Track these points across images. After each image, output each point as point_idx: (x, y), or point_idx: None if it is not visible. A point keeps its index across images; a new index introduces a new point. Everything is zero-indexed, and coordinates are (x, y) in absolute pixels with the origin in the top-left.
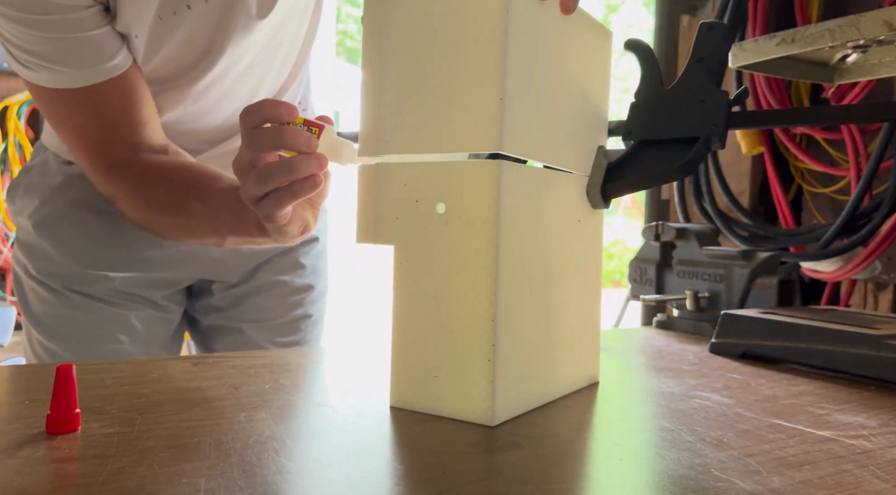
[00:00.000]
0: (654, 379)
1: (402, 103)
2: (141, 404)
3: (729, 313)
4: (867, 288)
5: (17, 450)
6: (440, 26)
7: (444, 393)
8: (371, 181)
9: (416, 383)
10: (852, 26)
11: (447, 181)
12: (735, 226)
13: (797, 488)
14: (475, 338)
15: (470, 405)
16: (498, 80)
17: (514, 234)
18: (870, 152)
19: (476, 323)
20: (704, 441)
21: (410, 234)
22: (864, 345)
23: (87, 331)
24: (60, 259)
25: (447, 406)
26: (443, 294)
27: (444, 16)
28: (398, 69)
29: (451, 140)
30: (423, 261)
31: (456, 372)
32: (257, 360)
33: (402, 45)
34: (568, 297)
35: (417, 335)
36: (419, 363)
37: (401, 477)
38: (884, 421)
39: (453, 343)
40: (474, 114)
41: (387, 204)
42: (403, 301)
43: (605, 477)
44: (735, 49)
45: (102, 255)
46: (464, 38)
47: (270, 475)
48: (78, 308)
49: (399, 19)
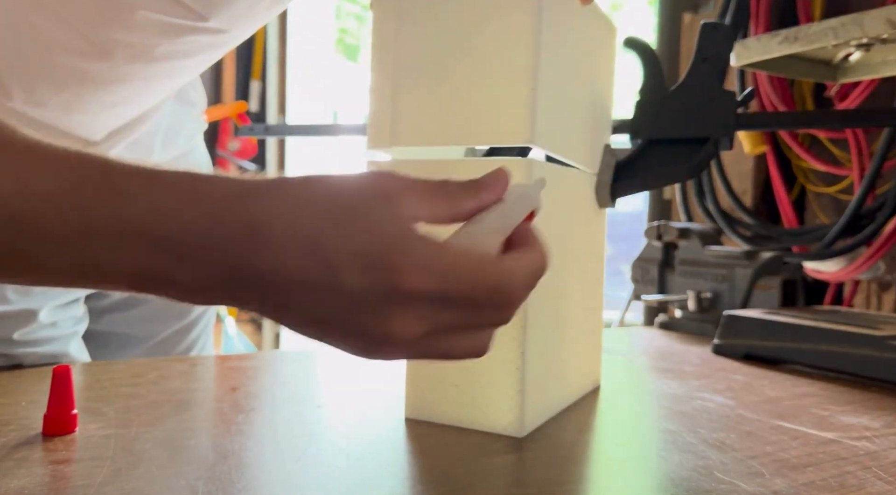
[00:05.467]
0: (657, 381)
1: (423, 94)
2: (138, 405)
3: (732, 314)
4: (871, 288)
5: (13, 452)
6: (466, 14)
7: (466, 403)
8: None
9: (434, 393)
10: (855, 24)
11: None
12: (738, 226)
13: (800, 490)
14: (503, 346)
15: (496, 415)
16: (531, 71)
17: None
18: (873, 151)
19: (508, 335)
20: (707, 442)
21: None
22: (868, 345)
23: None
24: None
25: (469, 417)
26: None
27: (470, 4)
28: (418, 60)
29: (478, 132)
30: None
31: (480, 381)
32: (255, 362)
33: (421, 34)
34: (576, 300)
35: None
36: (438, 372)
37: (400, 479)
38: (887, 423)
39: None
40: (504, 105)
41: None
42: None
43: (608, 480)
44: (738, 47)
45: None
46: (493, 28)
47: (268, 477)
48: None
49: (417, 8)
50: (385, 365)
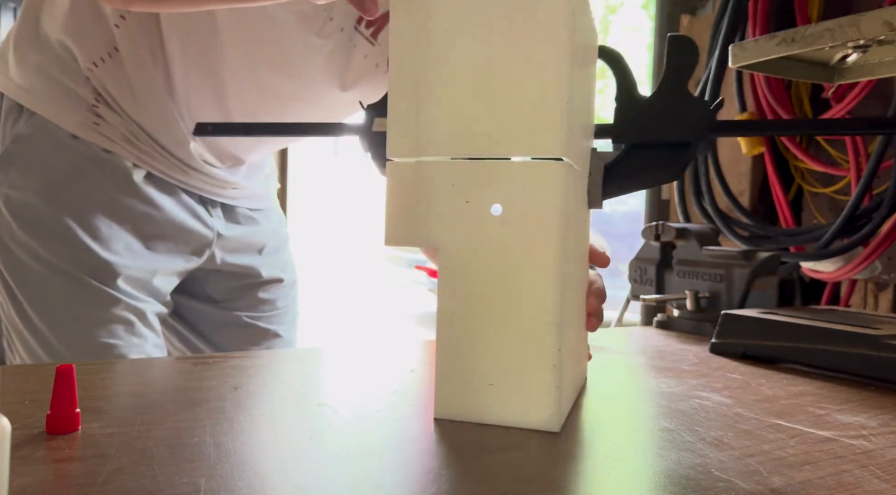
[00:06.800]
0: (655, 379)
1: (451, 104)
2: (141, 404)
3: (729, 313)
4: (867, 288)
5: (16, 450)
6: (499, 28)
7: (501, 401)
8: (407, 180)
9: (466, 393)
10: (853, 26)
11: (504, 182)
12: (735, 226)
13: (797, 488)
14: (540, 343)
15: (533, 412)
16: (566, 84)
17: (566, 235)
18: (870, 152)
19: (542, 327)
20: (704, 441)
21: (459, 236)
22: (865, 345)
23: (99, 326)
24: (81, 244)
25: (504, 415)
26: (499, 298)
27: (504, 17)
28: (446, 68)
29: (510, 143)
30: (475, 263)
31: (517, 379)
32: (257, 360)
33: (450, 42)
34: (579, 296)
35: (469, 342)
36: (470, 372)
37: (400, 478)
38: (884, 422)
39: (514, 349)
40: (539, 117)
41: (429, 204)
42: (451, 305)
43: (605, 478)
44: (735, 49)
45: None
46: (527, 40)
47: (270, 475)
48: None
49: (447, 16)
50: (385, 364)
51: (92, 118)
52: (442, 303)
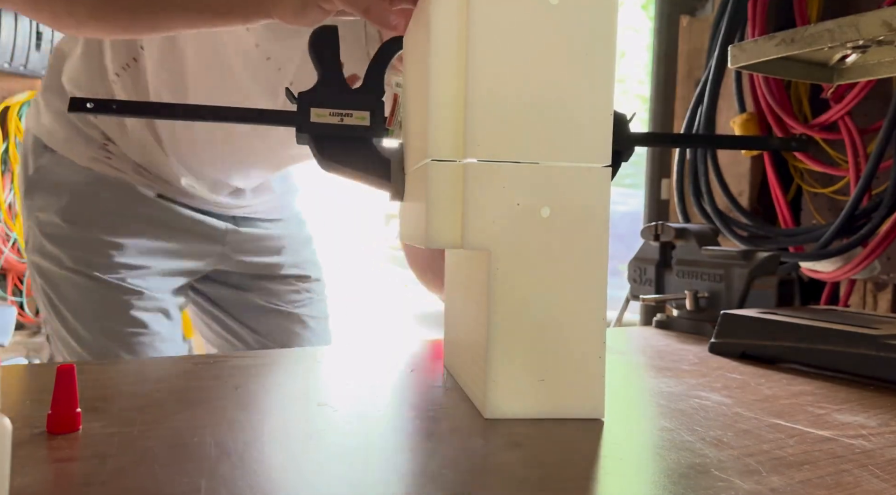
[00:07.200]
0: (654, 379)
1: (500, 109)
2: (142, 404)
3: (728, 313)
4: (866, 288)
5: (17, 450)
6: (545, 37)
7: (552, 395)
8: (453, 181)
9: (519, 391)
10: (852, 27)
11: (554, 185)
12: (734, 226)
13: (797, 488)
14: (589, 337)
15: (581, 402)
16: (611, 92)
17: None
18: (869, 152)
19: (590, 322)
20: (704, 440)
21: (510, 238)
22: (864, 344)
23: (126, 325)
24: (100, 249)
25: (555, 407)
26: (550, 296)
27: (550, 27)
28: (493, 72)
29: (557, 150)
30: (526, 264)
31: (567, 372)
32: (257, 360)
33: (495, 49)
34: None
35: (521, 341)
36: (523, 369)
37: (400, 477)
38: (883, 421)
39: (564, 344)
40: (589, 128)
41: (479, 206)
42: (503, 307)
43: (605, 477)
44: (734, 49)
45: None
46: (574, 50)
47: (271, 475)
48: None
49: (491, 23)
50: (385, 364)
51: (103, 154)
52: (493, 305)
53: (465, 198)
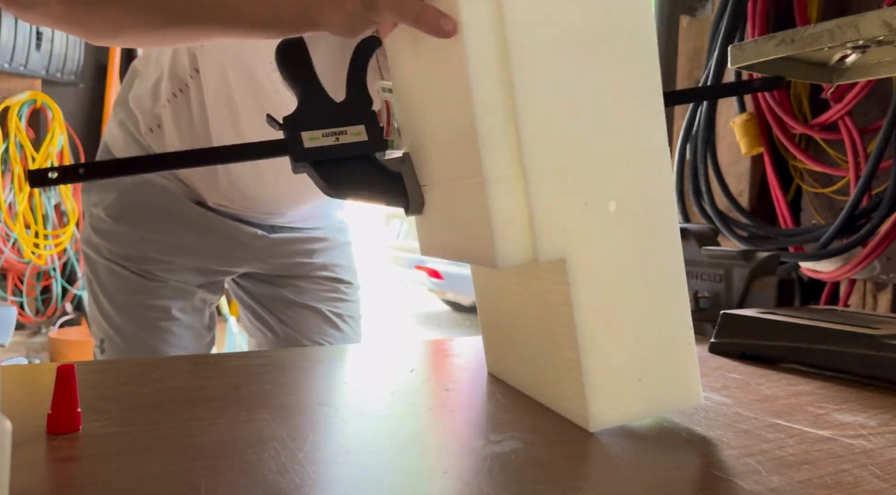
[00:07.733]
0: None
1: (549, 111)
2: (142, 404)
3: (728, 313)
4: (866, 288)
5: (17, 450)
6: (587, 33)
7: (651, 392)
8: (517, 197)
9: (617, 395)
10: (851, 27)
11: (616, 177)
12: (734, 227)
13: (796, 487)
14: (677, 325)
15: (681, 394)
16: (658, 84)
17: None
18: (869, 152)
19: (675, 309)
20: (704, 440)
21: (585, 241)
22: (864, 344)
23: (149, 310)
24: (135, 244)
25: (655, 404)
26: (632, 292)
27: (592, 23)
28: (542, 81)
29: (617, 140)
30: (603, 265)
31: (664, 367)
32: (257, 360)
33: (537, 50)
34: None
35: (615, 344)
36: (619, 373)
37: (400, 476)
38: (883, 421)
39: (658, 339)
40: (637, 110)
41: (550, 217)
42: (587, 314)
43: (605, 477)
44: (734, 49)
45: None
46: (618, 45)
47: (271, 475)
48: (145, 287)
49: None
50: (385, 364)
51: None
52: (581, 313)
53: (533, 211)
